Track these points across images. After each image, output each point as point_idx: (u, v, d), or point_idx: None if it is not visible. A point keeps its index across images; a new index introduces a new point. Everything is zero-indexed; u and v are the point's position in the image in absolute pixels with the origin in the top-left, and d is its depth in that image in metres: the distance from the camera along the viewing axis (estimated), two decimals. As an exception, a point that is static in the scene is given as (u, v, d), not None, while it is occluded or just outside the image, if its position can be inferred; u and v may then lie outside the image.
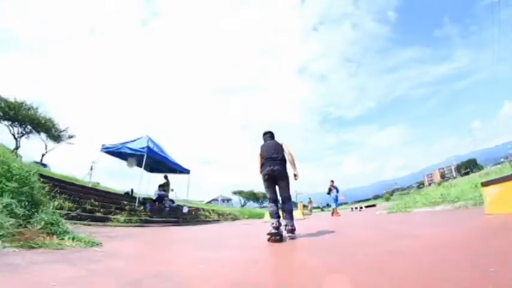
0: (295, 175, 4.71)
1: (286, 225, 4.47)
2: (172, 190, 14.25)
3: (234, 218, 19.62)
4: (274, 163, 4.52)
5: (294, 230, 4.46)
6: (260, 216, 23.35)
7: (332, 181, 15.32)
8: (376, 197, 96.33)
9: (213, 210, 18.31)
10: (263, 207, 67.65)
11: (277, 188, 4.61)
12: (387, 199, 70.12)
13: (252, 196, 78.33)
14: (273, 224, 4.27)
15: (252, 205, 69.32)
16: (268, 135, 5.08)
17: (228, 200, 76.96)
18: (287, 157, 4.71)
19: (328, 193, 14.99)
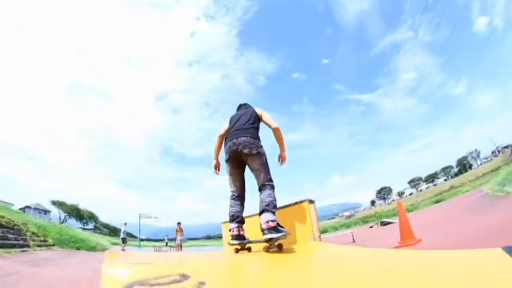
0: (281, 157, 3.02)
1: (260, 224, 2.52)
2: None
3: (14, 243, 7.60)
4: (241, 133, 2.82)
5: (275, 227, 2.43)
6: (81, 245, 11.72)
7: None
8: (208, 237, 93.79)
9: None
10: (87, 229, 51.59)
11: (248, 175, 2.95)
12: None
13: (76, 212, 61.12)
14: (232, 231, 2.79)
15: (73, 224, 52.08)
16: (245, 107, 3.27)
17: (46, 211, 58.41)
18: (272, 132, 2.95)
19: None
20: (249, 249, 2.79)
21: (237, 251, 2.75)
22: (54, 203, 58.42)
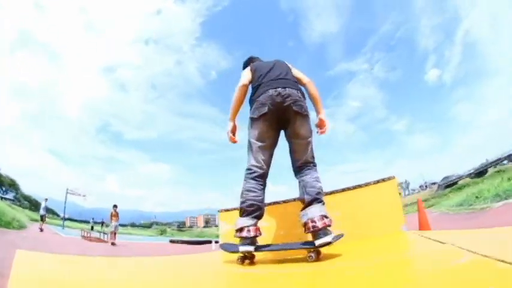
0: (320, 122, 2.09)
1: (310, 221, 1.65)
2: None
3: None
4: (287, 84, 1.92)
5: (327, 227, 1.62)
6: None
7: None
8: (132, 225, 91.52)
9: None
10: (6, 199, 44.71)
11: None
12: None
13: None
14: (246, 230, 1.75)
15: None
16: (259, 59, 2.37)
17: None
18: (306, 88, 2.09)
19: None
20: (252, 258, 1.84)
21: (244, 260, 1.78)
22: (-34, 164, 50.47)
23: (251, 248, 1.72)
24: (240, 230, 1.75)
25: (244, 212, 1.80)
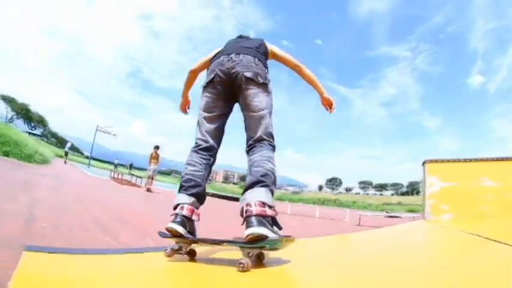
0: (324, 101, 1.87)
1: (248, 205, 1.28)
2: None
3: None
4: (244, 51, 1.69)
5: (270, 219, 1.27)
6: (12, 151, 9.47)
7: None
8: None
9: None
10: (34, 134, 46.56)
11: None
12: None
13: (25, 113, 57.28)
14: (181, 206, 1.44)
15: (21, 126, 47.18)
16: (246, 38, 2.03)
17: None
18: (300, 73, 1.86)
19: None
20: (191, 253, 1.44)
21: (172, 253, 1.41)
22: (4, 98, 51.94)
23: (179, 228, 1.34)
24: (175, 207, 1.46)
25: (181, 187, 1.53)
